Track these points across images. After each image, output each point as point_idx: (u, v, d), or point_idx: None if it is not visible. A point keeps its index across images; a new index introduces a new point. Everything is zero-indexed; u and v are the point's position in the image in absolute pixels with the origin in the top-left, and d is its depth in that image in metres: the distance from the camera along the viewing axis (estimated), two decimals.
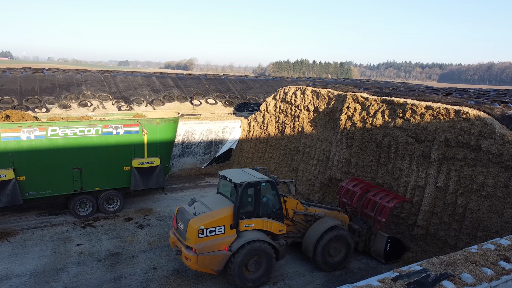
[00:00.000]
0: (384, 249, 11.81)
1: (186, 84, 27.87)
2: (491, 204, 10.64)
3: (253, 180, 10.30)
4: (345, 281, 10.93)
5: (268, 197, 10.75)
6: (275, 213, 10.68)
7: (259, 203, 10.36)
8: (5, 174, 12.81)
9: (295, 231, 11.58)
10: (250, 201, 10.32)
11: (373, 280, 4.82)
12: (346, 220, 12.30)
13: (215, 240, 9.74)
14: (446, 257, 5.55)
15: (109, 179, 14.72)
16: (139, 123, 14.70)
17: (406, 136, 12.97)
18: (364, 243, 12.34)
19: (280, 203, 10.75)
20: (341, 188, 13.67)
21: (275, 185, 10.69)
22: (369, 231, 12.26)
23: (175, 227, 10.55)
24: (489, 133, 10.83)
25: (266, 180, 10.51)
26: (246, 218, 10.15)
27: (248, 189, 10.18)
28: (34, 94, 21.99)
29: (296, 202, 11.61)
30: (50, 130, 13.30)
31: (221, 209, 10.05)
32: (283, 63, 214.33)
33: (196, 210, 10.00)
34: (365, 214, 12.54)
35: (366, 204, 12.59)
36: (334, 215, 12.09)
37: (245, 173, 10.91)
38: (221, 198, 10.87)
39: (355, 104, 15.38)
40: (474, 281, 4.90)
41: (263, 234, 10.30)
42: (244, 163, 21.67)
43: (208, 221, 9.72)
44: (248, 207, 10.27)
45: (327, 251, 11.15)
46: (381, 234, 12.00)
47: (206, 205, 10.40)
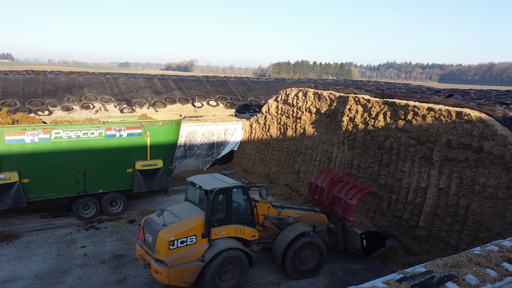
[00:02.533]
0: (361, 246, 11.68)
1: (188, 86, 27.96)
2: (493, 205, 10.69)
3: (224, 186, 9.93)
4: (348, 282, 10.99)
5: (240, 202, 10.40)
6: (247, 218, 10.35)
7: (230, 209, 10.01)
8: (9, 177, 12.88)
9: (266, 236, 11.13)
10: (222, 207, 9.97)
11: (378, 281, 4.89)
12: (324, 220, 11.99)
13: (187, 251, 9.30)
14: (450, 258, 5.61)
15: (112, 181, 14.80)
16: (142, 125, 14.78)
17: (408, 138, 13.03)
18: (343, 242, 12.15)
19: (252, 208, 10.42)
20: (311, 184, 13.31)
21: (246, 190, 10.32)
22: (344, 229, 12.03)
23: (142, 239, 9.94)
24: (490, 135, 10.90)
25: (237, 185, 10.16)
26: (218, 226, 9.77)
27: (219, 195, 9.84)
28: (37, 97, 22.09)
29: (267, 206, 11.14)
30: (54, 133, 13.38)
31: (192, 218, 9.61)
32: (283, 64, 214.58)
33: (165, 221, 9.45)
34: (337, 212, 12.28)
35: (334, 202, 12.29)
36: (310, 216, 11.71)
37: (215, 179, 10.52)
38: (190, 206, 10.41)
39: (356, 106, 15.45)
40: (478, 283, 4.96)
41: (236, 241, 9.96)
42: (246, 165, 21.74)
43: (178, 231, 9.25)
44: (220, 214, 9.92)
45: (298, 258, 10.77)
46: (355, 231, 11.85)
47: (175, 215, 9.88)
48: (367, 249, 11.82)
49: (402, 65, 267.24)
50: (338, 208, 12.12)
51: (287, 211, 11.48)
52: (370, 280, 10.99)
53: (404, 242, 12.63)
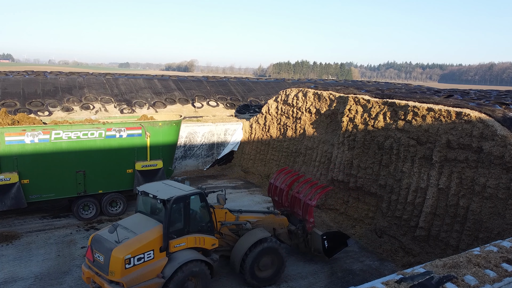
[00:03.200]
0: (322, 247, 11.44)
1: (188, 86, 27.98)
2: (493, 205, 10.69)
3: (182, 194, 9.29)
4: (348, 283, 11.00)
5: (198, 210, 9.86)
6: (206, 226, 9.82)
7: (189, 218, 9.42)
8: (9, 178, 12.89)
9: (224, 244, 10.60)
10: (180, 217, 9.32)
11: (377, 282, 4.89)
12: (285, 222, 11.65)
13: (145, 268, 8.56)
14: (449, 259, 5.61)
15: (112, 181, 14.81)
16: (142, 126, 14.79)
17: (408, 138, 13.03)
18: (304, 244, 11.89)
19: (211, 216, 9.92)
20: (270, 185, 12.88)
21: (204, 196, 9.79)
22: (305, 231, 11.75)
23: (90, 259, 8.93)
24: (490, 135, 10.90)
25: (195, 192, 9.59)
26: (176, 237, 9.14)
27: (177, 204, 9.16)
28: (37, 97, 22.10)
29: (224, 212, 10.60)
30: (54, 134, 13.39)
31: (148, 232, 8.84)
32: (283, 64, 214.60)
33: (118, 237, 8.55)
34: (297, 213, 11.95)
35: (294, 203, 11.97)
36: (270, 219, 11.32)
37: (169, 187, 9.81)
38: (143, 218, 9.58)
39: (356, 106, 15.46)
40: (477, 283, 4.96)
41: (196, 252, 9.41)
42: (246, 165, 21.75)
43: (134, 247, 8.45)
44: (178, 224, 9.29)
45: (257, 265, 10.33)
46: (316, 233, 11.61)
47: (128, 229, 9.02)
48: (329, 250, 11.60)
49: (402, 65, 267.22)
50: (298, 209, 11.81)
51: (245, 216, 11.00)
52: (370, 280, 11.02)
53: (404, 242, 12.63)
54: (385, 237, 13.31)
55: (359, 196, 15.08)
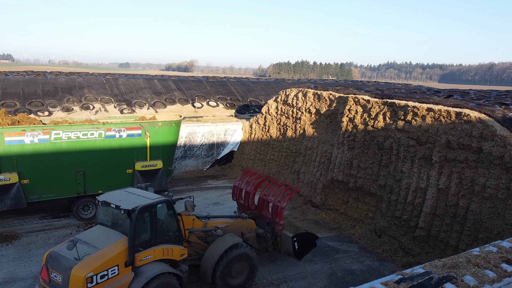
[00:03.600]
0: (293, 249, 11.12)
1: (188, 86, 27.98)
2: (493, 206, 10.69)
3: (148, 202, 8.66)
4: (348, 283, 10.99)
5: (165, 219, 9.29)
6: (174, 236, 9.26)
7: (156, 228, 8.81)
8: (9, 178, 12.89)
9: (192, 253, 10.05)
10: (146, 228, 8.70)
11: (377, 283, 4.89)
12: (252, 226, 11.30)
13: (109, 286, 7.93)
14: (449, 259, 5.61)
15: (112, 182, 14.78)
16: (141, 126, 14.79)
17: (408, 138, 13.03)
18: (273, 246, 11.58)
19: (179, 224, 9.37)
20: (235, 189, 12.49)
21: (171, 204, 9.23)
22: (274, 234, 11.43)
23: (46, 279, 8.09)
24: (490, 135, 10.90)
25: (162, 200, 8.98)
26: (143, 250, 8.51)
27: (142, 214, 8.52)
28: (37, 98, 22.10)
29: (192, 219, 10.09)
30: (54, 134, 13.39)
31: (111, 246, 8.16)
32: (283, 65, 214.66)
33: (78, 253, 7.83)
34: (265, 216, 11.64)
35: (262, 206, 11.62)
36: (238, 224, 10.96)
37: (133, 195, 9.12)
38: (105, 230, 8.84)
39: (356, 107, 15.46)
40: (477, 284, 4.96)
41: (164, 264, 8.84)
42: (246, 165, 21.75)
43: (96, 264, 7.75)
44: (144, 235, 8.65)
45: (229, 273, 9.89)
46: (286, 235, 11.26)
47: (89, 244, 8.27)
48: (299, 251, 11.30)
49: (402, 65, 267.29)
50: (266, 212, 11.50)
51: (213, 222, 10.57)
52: (369, 281, 11.02)
53: (404, 242, 12.63)
54: (384, 237, 13.31)
55: (359, 196, 15.08)
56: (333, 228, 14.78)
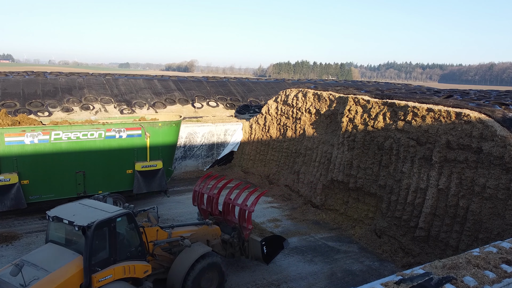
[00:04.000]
0: (261, 253, 10.69)
1: (188, 86, 27.97)
2: (493, 206, 10.69)
3: (105, 217, 7.76)
4: (348, 284, 11.00)
5: (126, 234, 8.43)
6: (136, 251, 8.43)
7: (115, 245, 7.92)
8: (9, 178, 12.90)
9: (157, 267, 9.35)
10: (104, 245, 7.80)
11: (377, 283, 4.89)
12: (218, 232, 10.79)
13: None
14: (449, 260, 5.61)
15: (112, 182, 14.81)
16: (141, 126, 14.80)
17: (408, 139, 13.03)
18: (240, 252, 11.09)
19: (141, 238, 8.56)
20: (195, 193, 11.80)
21: (133, 217, 8.37)
22: (241, 239, 10.94)
23: None
24: (490, 136, 10.90)
25: (122, 213, 8.11)
26: (101, 270, 7.60)
27: (100, 230, 7.62)
28: (37, 98, 22.10)
29: (155, 230, 9.32)
30: (54, 134, 13.39)
31: (64, 267, 7.23)
32: (283, 65, 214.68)
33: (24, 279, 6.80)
34: (230, 221, 11.12)
35: (228, 210, 11.09)
36: (203, 231, 10.41)
37: (88, 208, 8.20)
38: (57, 249, 7.79)
39: (356, 107, 15.46)
40: (477, 284, 4.96)
41: (125, 284, 8.02)
42: (246, 165, 21.75)
43: None
44: (102, 253, 7.73)
45: (198, 284, 9.30)
46: (254, 239, 10.77)
47: (37, 266, 7.24)
48: (268, 255, 10.93)
49: (402, 65, 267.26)
50: (232, 217, 11.04)
51: (178, 231, 9.96)
52: (369, 281, 11.01)
53: (404, 242, 12.63)
54: (384, 237, 13.31)
55: (359, 197, 15.08)
56: (333, 229, 14.78)
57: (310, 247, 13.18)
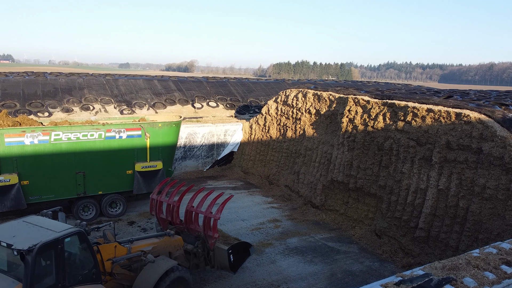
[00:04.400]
0: (228, 262, 10.12)
1: (188, 87, 27.98)
2: (493, 206, 10.69)
3: (51, 238, 6.76)
4: (348, 284, 11.00)
5: (77, 255, 7.53)
6: (90, 274, 7.49)
7: (64, 269, 6.98)
8: (9, 179, 12.89)
9: (117, 286, 8.57)
10: (50, 270, 6.85)
11: (376, 285, 4.89)
12: (180, 242, 10.09)
13: None
14: (448, 261, 5.61)
15: (112, 183, 14.81)
16: (141, 127, 14.79)
17: (408, 139, 13.03)
18: (205, 262, 10.38)
19: (95, 259, 7.63)
20: (153, 202, 11.03)
21: (85, 235, 7.45)
22: (205, 248, 10.30)
23: None
24: (490, 136, 10.90)
25: (71, 232, 7.16)
26: None
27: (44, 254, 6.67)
28: (37, 98, 22.11)
29: (113, 246, 8.47)
30: (54, 135, 13.39)
31: None
32: (283, 65, 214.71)
33: None
34: (193, 230, 10.47)
35: (190, 218, 10.43)
36: (165, 243, 9.69)
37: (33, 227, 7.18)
38: None
39: (356, 107, 15.46)
40: (476, 285, 4.95)
41: None
42: (246, 166, 21.75)
43: None
44: (47, 280, 6.78)
45: None
46: (220, 248, 10.18)
47: None
48: (235, 264, 10.41)
49: (402, 65, 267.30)
50: (196, 225, 10.40)
51: (138, 245, 9.14)
52: (369, 281, 11.02)
53: (404, 243, 12.63)
54: (384, 238, 13.31)
55: (359, 197, 15.08)
56: (333, 229, 14.78)
57: (310, 247, 13.18)
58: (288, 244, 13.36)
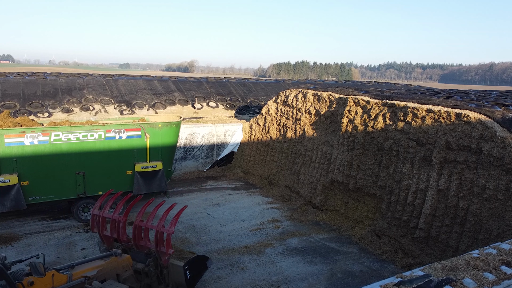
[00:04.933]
0: (185, 279, 9.27)
1: (188, 87, 27.98)
2: (493, 207, 10.69)
3: None
4: (348, 285, 10.99)
5: None
6: None
7: None
8: (9, 179, 12.89)
9: None
10: None
11: (376, 285, 4.89)
12: (129, 262, 8.97)
13: None
14: (448, 262, 5.61)
15: (112, 183, 14.79)
16: (141, 127, 14.80)
17: (408, 139, 13.03)
18: (158, 280, 9.32)
19: None
20: (94, 218, 9.96)
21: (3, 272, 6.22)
22: (158, 266, 9.33)
23: None
24: (490, 136, 10.90)
25: None
26: None
27: None
28: (37, 99, 22.11)
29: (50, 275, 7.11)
30: (53, 135, 13.39)
31: None
32: (283, 65, 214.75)
33: None
34: (143, 247, 9.52)
35: (139, 235, 9.49)
36: (112, 264, 8.55)
37: None
38: None
39: (356, 107, 15.46)
40: (476, 286, 4.95)
41: None
42: (246, 166, 21.75)
43: None
44: None
45: None
46: (175, 264, 9.34)
47: None
48: (192, 280, 9.59)
49: (402, 65, 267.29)
50: (146, 242, 9.56)
51: (80, 270, 7.87)
52: (370, 282, 11.02)
53: (404, 243, 12.63)
54: (384, 238, 13.30)
55: (358, 197, 15.08)
56: (333, 229, 14.78)
57: (310, 248, 13.18)
58: (288, 244, 13.36)
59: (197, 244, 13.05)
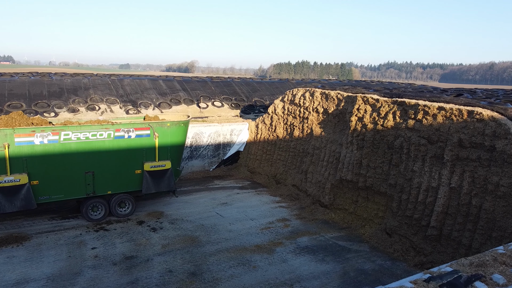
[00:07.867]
0: None
1: (193, 87, 27.95)
2: (507, 204, 10.64)
3: None
4: (361, 283, 10.95)
5: None
6: None
7: None
8: (19, 179, 12.85)
9: None
10: None
11: (405, 281, 4.85)
12: None
13: None
14: (475, 258, 5.57)
15: (121, 182, 14.77)
16: (150, 126, 14.75)
17: (418, 137, 12.98)
18: None
19: None
20: None
21: None
22: None
23: None
24: (503, 134, 10.85)
25: None
26: None
27: None
28: (43, 99, 22.07)
29: None
30: (63, 135, 13.35)
31: None
32: (284, 65, 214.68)
33: None
34: None
35: None
36: None
37: None
38: None
39: (365, 106, 15.41)
40: (506, 282, 4.91)
41: None
42: (252, 165, 21.70)
43: None
44: None
45: None
46: None
47: None
48: None
49: (402, 65, 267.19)
50: None
51: None
52: (382, 280, 10.97)
53: (415, 242, 12.58)
54: (395, 236, 13.26)
55: (368, 196, 15.04)
56: (343, 228, 14.74)
57: (321, 246, 13.14)
58: (299, 243, 13.32)
59: (207, 243, 13.01)
